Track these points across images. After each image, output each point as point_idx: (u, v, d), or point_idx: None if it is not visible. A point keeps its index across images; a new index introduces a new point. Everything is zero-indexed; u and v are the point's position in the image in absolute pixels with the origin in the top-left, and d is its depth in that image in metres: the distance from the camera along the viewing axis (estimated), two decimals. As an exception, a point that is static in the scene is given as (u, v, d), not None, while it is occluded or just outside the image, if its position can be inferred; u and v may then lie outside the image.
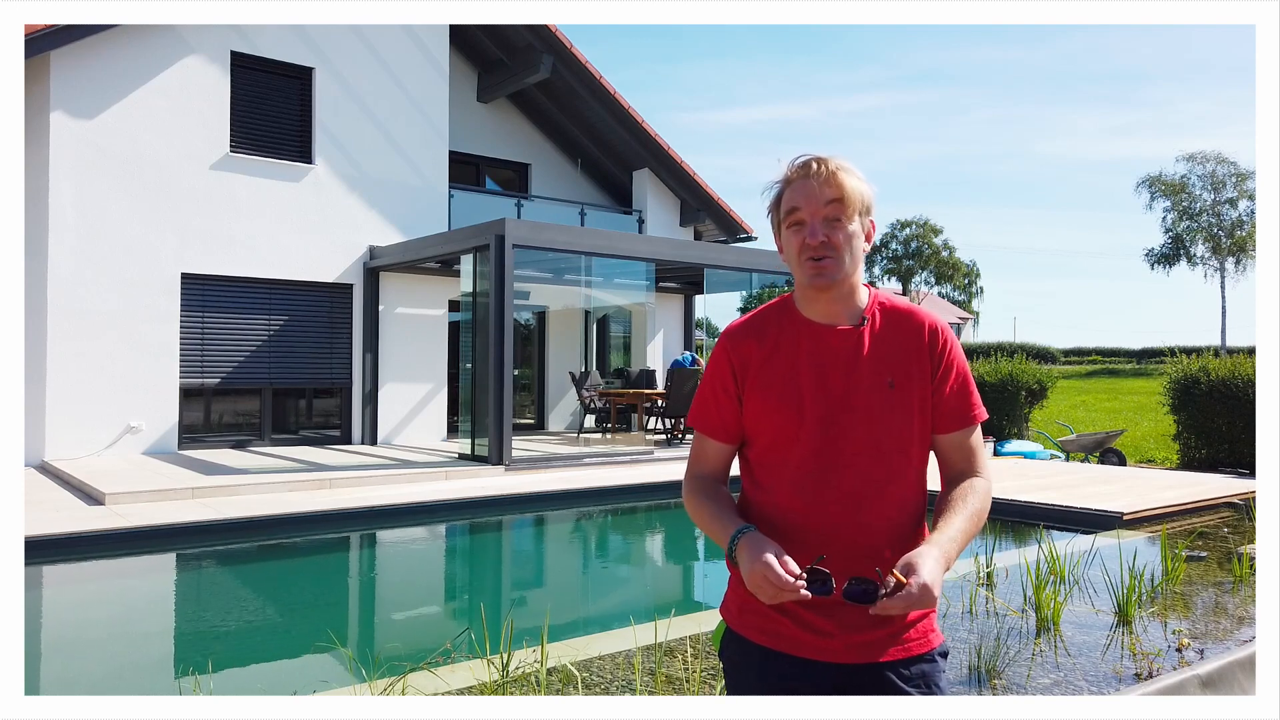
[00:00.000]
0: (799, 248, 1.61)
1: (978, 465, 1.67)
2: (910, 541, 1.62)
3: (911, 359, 1.63)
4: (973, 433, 1.67)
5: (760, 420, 1.66)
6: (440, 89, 13.22)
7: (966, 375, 1.68)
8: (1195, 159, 46.65)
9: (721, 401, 1.71)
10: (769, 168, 1.72)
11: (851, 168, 1.62)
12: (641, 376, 14.67)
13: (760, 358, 1.67)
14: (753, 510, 1.69)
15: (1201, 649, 3.93)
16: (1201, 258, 47.30)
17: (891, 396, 1.61)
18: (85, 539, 6.32)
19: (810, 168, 1.61)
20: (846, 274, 1.61)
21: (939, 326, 1.67)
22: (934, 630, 1.66)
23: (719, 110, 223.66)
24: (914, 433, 1.62)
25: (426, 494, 8.15)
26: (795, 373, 1.64)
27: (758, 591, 1.47)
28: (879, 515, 1.60)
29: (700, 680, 3.44)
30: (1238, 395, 10.50)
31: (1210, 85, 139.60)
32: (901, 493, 1.62)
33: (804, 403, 1.61)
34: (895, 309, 1.67)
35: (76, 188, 10.34)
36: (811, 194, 1.59)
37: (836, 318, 1.65)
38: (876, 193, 1.66)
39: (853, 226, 1.60)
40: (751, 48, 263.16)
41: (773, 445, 1.65)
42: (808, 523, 1.60)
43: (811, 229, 1.59)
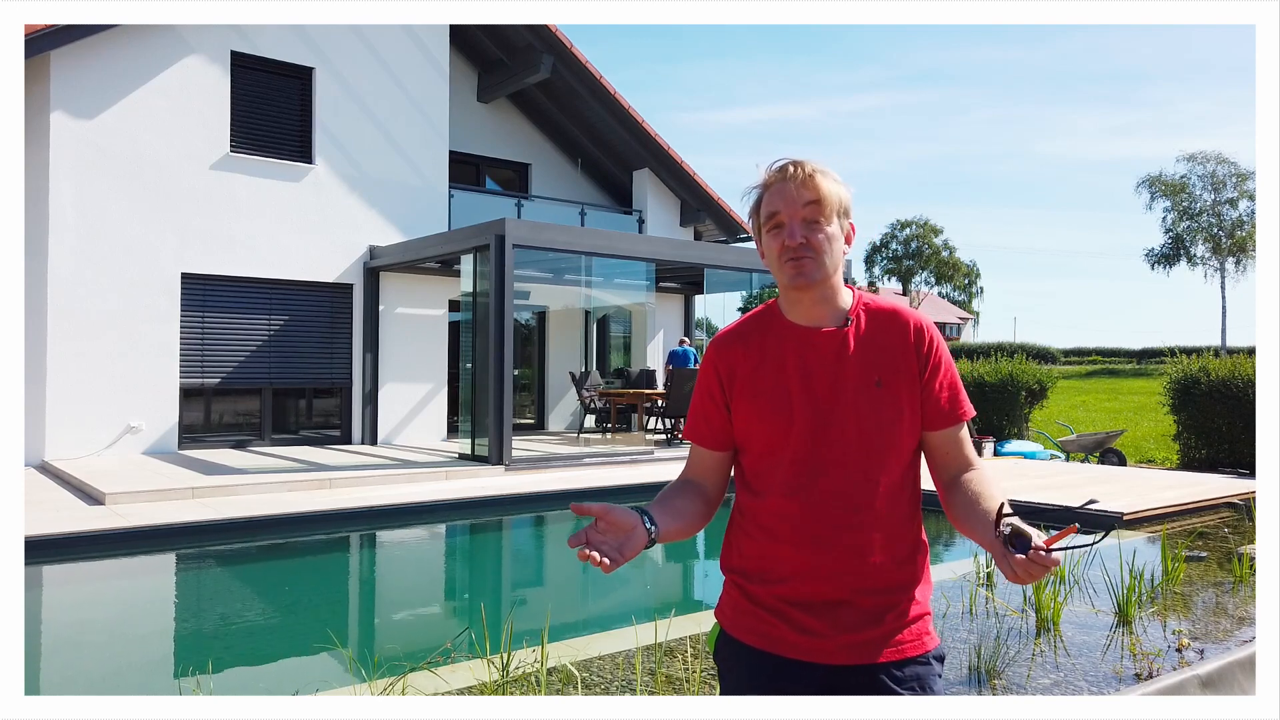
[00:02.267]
0: (779, 250, 1.62)
1: (971, 457, 1.69)
2: (903, 539, 1.63)
3: (898, 358, 1.64)
4: (962, 428, 1.69)
5: (750, 427, 1.66)
6: (440, 89, 13.22)
7: (954, 373, 1.69)
8: (1195, 159, 46.65)
9: (709, 411, 1.72)
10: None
11: (828, 170, 1.63)
12: (641, 376, 14.67)
13: (748, 366, 1.68)
14: (748, 515, 1.69)
15: (1201, 649, 3.93)
16: (1201, 258, 47.29)
17: (879, 395, 1.62)
18: (85, 539, 6.32)
19: (787, 171, 1.62)
20: (827, 274, 1.62)
21: (924, 325, 1.68)
22: (929, 633, 1.65)
23: (719, 110, 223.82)
24: (903, 431, 1.63)
25: (426, 494, 8.15)
26: (783, 378, 1.64)
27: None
28: (871, 514, 1.60)
29: (700, 680, 3.44)
30: (1238, 395, 10.50)
31: (1210, 85, 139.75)
32: (893, 491, 1.63)
33: (793, 407, 1.62)
34: (879, 309, 1.68)
35: (76, 188, 10.34)
36: (789, 197, 1.61)
37: (820, 320, 1.66)
38: (854, 194, 1.68)
39: (831, 228, 1.62)
40: (752, 48, 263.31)
41: (763, 451, 1.65)
42: (801, 524, 1.61)
43: (790, 230, 1.60)
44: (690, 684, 3.42)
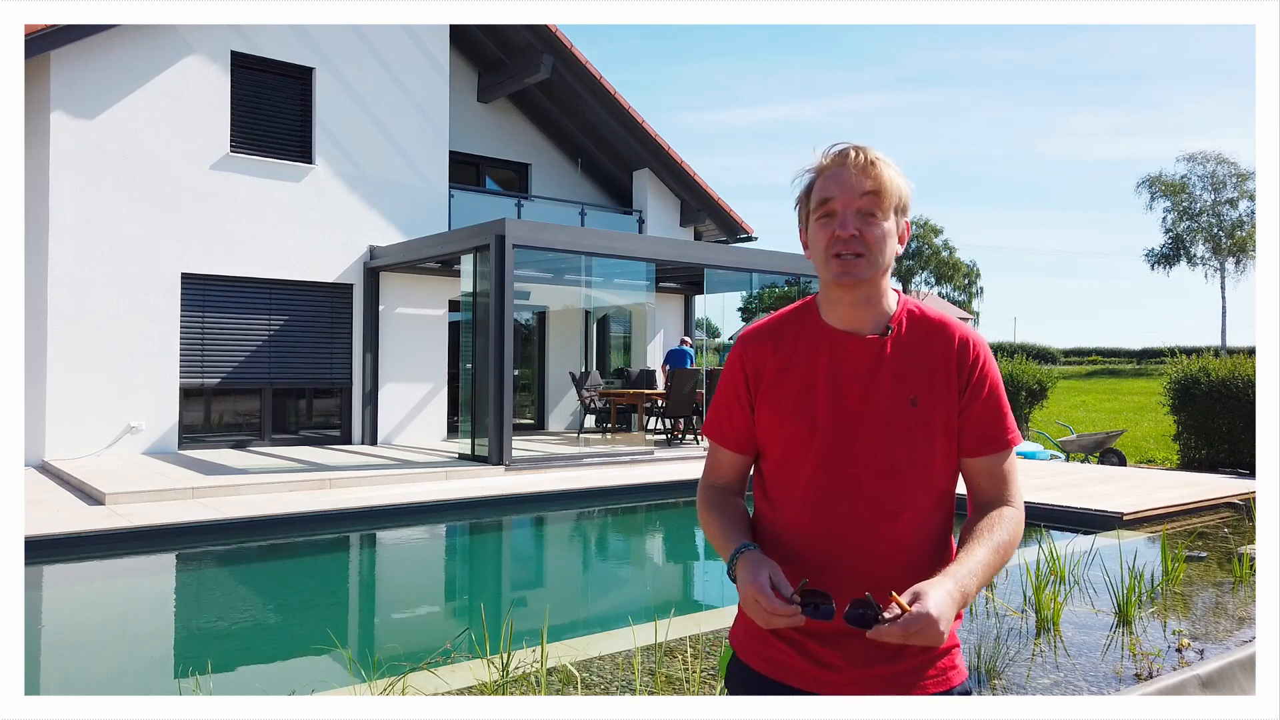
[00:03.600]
0: (827, 241, 1.48)
1: (1009, 494, 1.53)
2: (929, 573, 1.48)
3: (938, 374, 1.50)
4: (1005, 458, 1.53)
5: (772, 432, 1.56)
6: (440, 89, 13.22)
7: (1000, 395, 1.54)
8: (1195, 159, 46.73)
9: (734, 410, 1.61)
10: (769, 168, 1.68)
11: (891, 161, 1.50)
12: (641, 376, 14.67)
13: (776, 365, 1.56)
14: (764, 527, 1.60)
15: (1201, 649, 3.93)
16: (1201, 258, 47.36)
17: (913, 414, 1.49)
18: (85, 539, 6.32)
19: (848, 155, 1.48)
20: (875, 275, 1.49)
21: (971, 339, 1.53)
22: (955, 667, 1.52)
23: (720, 110, 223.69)
24: (936, 455, 1.50)
25: (426, 494, 8.15)
26: (811, 383, 1.52)
27: (753, 615, 1.37)
28: (893, 542, 1.49)
29: (700, 680, 3.44)
30: (1238, 395, 10.50)
31: (1210, 85, 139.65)
32: (919, 519, 1.50)
33: (817, 416, 1.51)
34: (925, 318, 1.55)
35: (76, 188, 10.34)
36: (846, 183, 1.47)
37: (860, 324, 1.52)
38: (914, 190, 1.54)
39: (887, 224, 1.48)
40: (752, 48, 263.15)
41: (783, 461, 1.55)
42: (817, 545, 1.50)
43: (843, 220, 1.46)
44: (690, 684, 3.42)
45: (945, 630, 1.29)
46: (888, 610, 1.31)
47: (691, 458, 11.29)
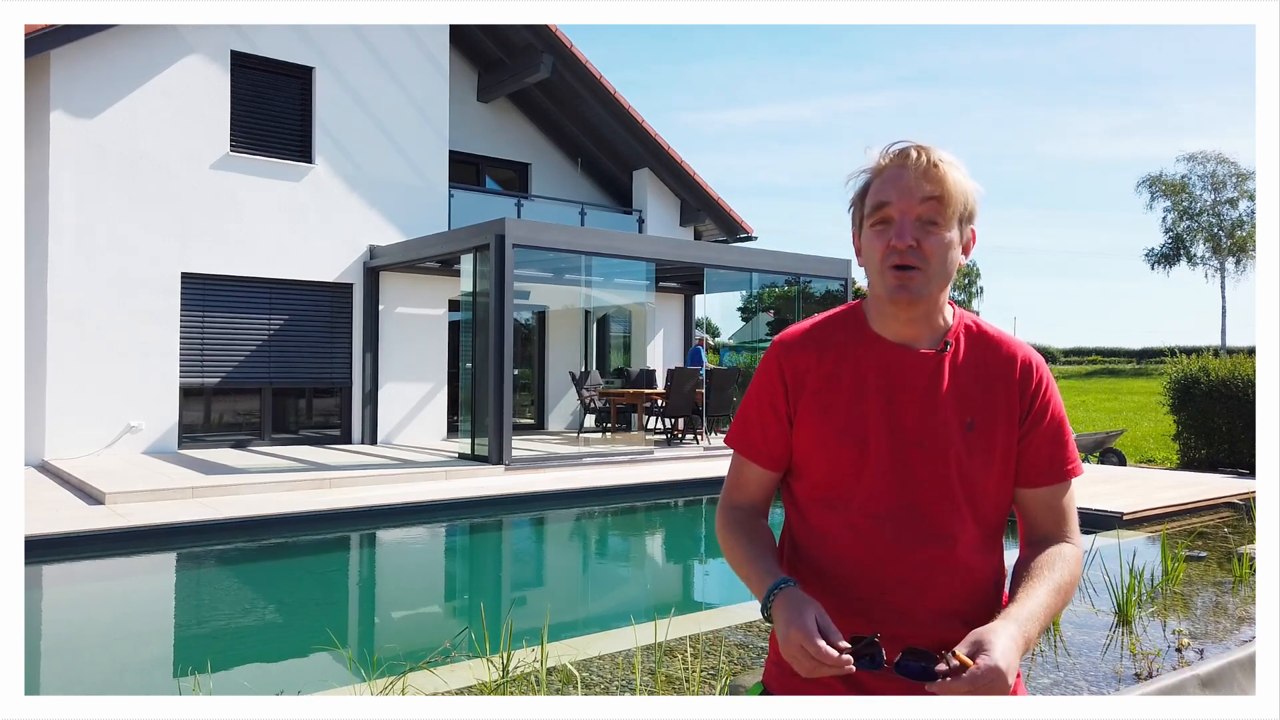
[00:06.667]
0: (883, 252, 1.34)
1: (1068, 529, 1.42)
2: (986, 611, 1.39)
3: (998, 397, 1.39)
4: (1065, 491, 1.43)
5: (815, 450, 1.41)
6: (440, 89, 13.22)
7: (1063, 422, 1.44)
8: (1196, 159, 46.74)
9: (768, 421, 1.45)
10: (769, 168, 1.59)
11: (958, 162, 1.37)
12: (641, 376, 14.67)
13: (820, 375, 1.41)
14: (800, 557, 1.45)
15: (1201, 649, 3.93)
16: (1201, 258, 47.36)
17: (970, 440, 1.37)
18: (85, 539, 6.32)
19: (909, 156, 1.35)
20: (935, 290, 1.35)
21: (1034, 361, 1.43)
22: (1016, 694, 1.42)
23: (721, 110, 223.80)
24: (991, 484, 1.39)
25: (426, 494, 8.15)
26: (861, 398, 1.39)
27: (793, 662, 1.23)
28: (948, 574, 1.37)
29: (700, 680, 3.44)
30: (1238, 395, 10.50)
31: (1210, 85, 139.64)
32: (972, 551, 1.39)
33: (869, 436, 1.37)
34: (984, 335, 1.43)
35: (76, 188, 10.33)
36: (905, 187, 1.33)
37: (915, 338, 1.39)
38: (982, 196, 1.39)
39: (950, 234, 1.34)
40: (753, 48, 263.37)
41: (828, 482, 1.41)
42: (869, 577, 1.38)
43: (900, 229, 1.33)
44: (690, 684, 3.42)
45: (1011, 682, 1.17)
46: (945, 662, 1.20)
47: (691, 458, 11.29)
